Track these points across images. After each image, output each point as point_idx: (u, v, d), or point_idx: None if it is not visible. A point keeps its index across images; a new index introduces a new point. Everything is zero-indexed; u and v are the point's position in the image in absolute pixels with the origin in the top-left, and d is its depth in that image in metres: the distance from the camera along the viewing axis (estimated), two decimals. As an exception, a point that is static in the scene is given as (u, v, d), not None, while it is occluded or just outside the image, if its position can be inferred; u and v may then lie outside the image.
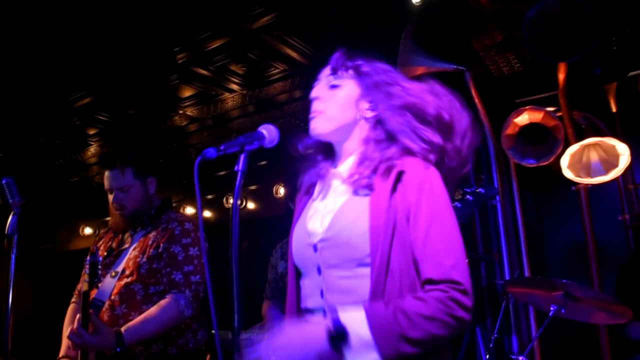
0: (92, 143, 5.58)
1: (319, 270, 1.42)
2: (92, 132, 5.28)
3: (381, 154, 1.41)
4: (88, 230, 7.00)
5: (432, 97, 1.45)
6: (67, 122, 4.98)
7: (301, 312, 1.48)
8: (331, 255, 1.39)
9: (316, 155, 1.59)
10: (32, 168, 6.20)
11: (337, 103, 1.48)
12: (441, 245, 1.29)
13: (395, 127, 1.41)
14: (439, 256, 1.28)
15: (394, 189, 1.36)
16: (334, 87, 1.50)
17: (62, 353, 2.28)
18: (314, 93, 1.51)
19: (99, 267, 2.00)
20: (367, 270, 1.33)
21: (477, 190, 2.51)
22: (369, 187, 1.39)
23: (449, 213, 1.35)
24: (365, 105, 1.47)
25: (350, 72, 1.49)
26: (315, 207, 1.53)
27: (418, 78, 2.96)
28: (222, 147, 1.31)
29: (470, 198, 2.50)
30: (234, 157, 1.37)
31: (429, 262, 1.28)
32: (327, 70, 1.53)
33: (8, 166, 6.07)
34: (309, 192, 1.60)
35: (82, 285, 2.08)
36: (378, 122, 1.45)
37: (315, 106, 1.49)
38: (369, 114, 1.46)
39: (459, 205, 2.51)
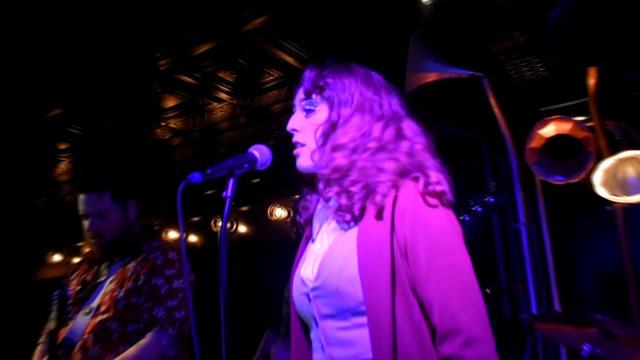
0: (63, 159, 5.58)
1: (316, 322, 1.42)
2: (62, 146, 5.28)
3: (365, 180, 1.37)
4: (57, 258, 6.99)
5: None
6: (35, 135, 4.98)
7: None
8: (324, 305, 1.37)
9: (313, 188, 1.57)
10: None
11: (314, 132, 1.47)
12: (448, 285, 1.24)
13: (369, 163, 1.39)
14: (443, 300, 1.23)
15: (384, 220, 1.32)
16: (309, 112, 1.50)
17: None
18: (290, 124, 1.52)
19: (69, 302, 1.99)
20: (365, 320, 1.29)
21: (486, 200, 2.50)
22: (355, 221, 1.38)
23: (451, 241, 1.29)
24: (331, 136, 1.45)
25: (322, 93, 1.48)
26: (311, 250, 1.52)
27: (429, 85, 2.98)
28: (208, 171, 1.31)
29: (479, 209, 2.49)
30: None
31: (434, 307, 1.24)
32: (300, 94, 1.53)
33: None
34: (308, 232, 1.61)
35: (50, 323, 2.07)
36: (355, 148, 1.42)
37: (296, 138, 1.51)
38: (342, 140, 1.42)
39: (467, 218, 2.50)
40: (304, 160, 1.49)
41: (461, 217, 2.55)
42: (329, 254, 1.40)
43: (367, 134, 1.42)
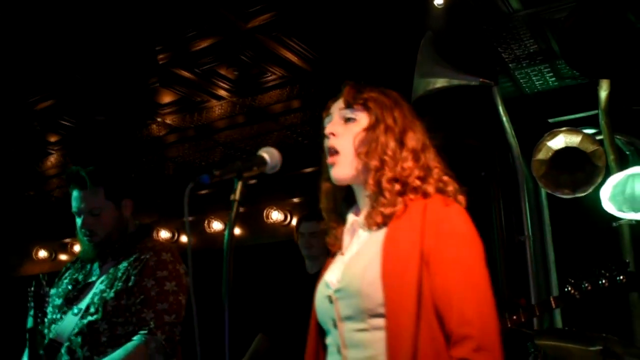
0: (53, 152, 5.59)
1: (335, 324, 1.51)
2: (53, 139, 5.29)
3: (392, 191, 1.52)
4: (43, 254, 6.98)
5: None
6: (25, 126, 4.98)
7: None
8: (345, 307, 1.47)
9: (337, 203, 1.71)
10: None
11: (353, 139, 1.59)
12: (464, 292, 1.38)
13: (407, 171, 1.54)
14: (460, 307, 1.36)
15: (414, 227, 1.45)
16: (348, 120, 1.62)
17: None
18: (329, 128, 1.62)
19: (46, 299, 1.96)
20: (382, 322, 1.40)
21: (614, 277, 2.42)
22: (384, 224, 1.50)
23: (474, 254, 1.44)
24: (372, 144, 1.58)
25: (363, 105, 1.61)
26: (339, 259, 1.62)
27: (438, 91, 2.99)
28: (216, 173, 1.34)
29: (604, 284, 2.43)
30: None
31: (453, 313, 1.36)
32: (340, 104, 1.64)
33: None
34: (333, 248, 1.70)
35: (28, 321, 2.06)
36: (385, 164, 1.55)
37: (332, 142, 1.60)
38: (375, 159, 1.56)
39: (586, 287, 2.46)
40: (342, 169, 1.59)
41: (567, 289, 2.49)
42: (353, 259, 1.53)
43: (402, 148, 1.57)
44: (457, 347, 1.33)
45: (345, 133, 1.60)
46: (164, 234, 6.01)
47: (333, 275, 1.57)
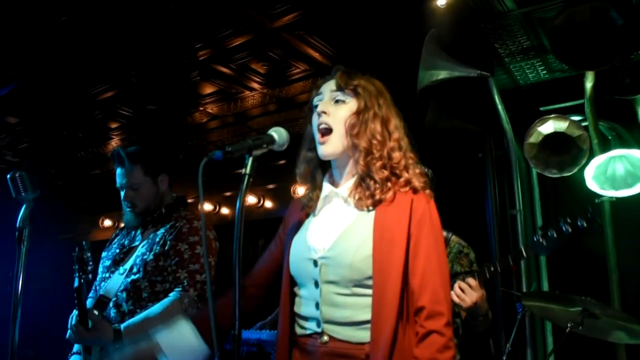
0: (114, 137, 5.64)
1: (316, 284, 1.51)
2: (113, 125, 5.33)
3: (382, 177, 1.52)
4: (107, 223, 7.08)
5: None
6: (90, 115, 5.03)
7: (294, 316, 1.58)
8: (331, 273, 1.48)
9: (315, 171, 1.68)
10: (54, 159, 6.29)
11: (344, 119, 1.56)
12: (438, 277, 1.45)
13: (394, 160, 1.55)
14: (434, 288, 1.43)
15: (402, 215, 1.48)
16: (339, 102, 1.58)
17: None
18: (321, 107, 1.58)
19: (89, 262, 1.93)
20: (364, 290, 1.45)
21: (577, 223, 2.31)
22: (372, 210, 1.51)
23: (442, 244, 1.53)
24: (362, 127, 1.56)
25: (353, 91, 1.58)
26: (316, 223, 1.61)
27: (440, 82, 2.91)
28: (228, 150, 1.29)
29: (568, 230, 2.34)
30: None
31: (427, 291, 1.42)
32: (331, 85, 1.60)
33: (32, 156, 6.17)
34: (307, 207, 1.67)
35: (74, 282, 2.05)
36: (373, 147, 1.55)
37: (323, 119, 1.56)
38: (364, 141, 1.55)
39: (553, 235, 2.39)
40: (332, 146, 1.56)
41: (536, 238, 2.38)
42: (346, 234, 1.51)
43: (388, 135, 1.57)
44: (431, 320, 1.40)
45: (336, 113, 1.57)
46: (207, 207, 6.02)
47: (317, 241, 1.54)
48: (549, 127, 3.37)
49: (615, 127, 3.65)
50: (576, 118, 3.43)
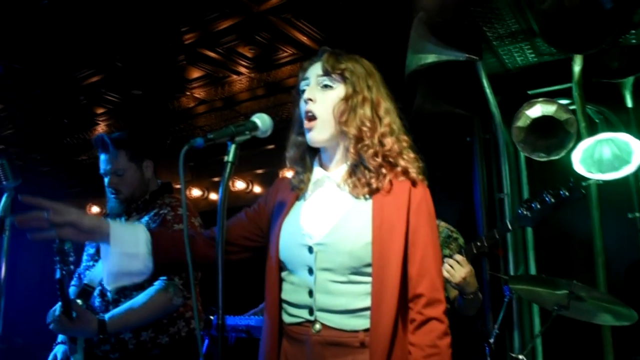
0: (100, 122, 5.56)
1: (311, 271, 1.46)
2: (99, 111, 5.25)
3: (376, 166, 1.49)
4: (95, 209, 7.02)
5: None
6: (75, 100, 4.95)
7: (282, 303, 1.54)
8: (327, 260, 1.45)
9: (305, 154, 1.64)
10: (40, 145, 6.20)
11: (331, 105, 1.52)
12: (435, 265, 1.45)
13: (386, 146, 1.51)
14: (432, 276, 1.43)
15: (400, 204, 1.46)
16: (326, 87, 1.53)
17: None
18: (307, 94, 1.53)
19: (70, 253, 1.89)
20: (360, 278, 1.43)
21: (560, 192, 2.34)
22: (369, 198, 1.48)
23: (438, 235, 1.54)
24: (350, 114, 1.52)
25: (340, 75, 1.53)
26: (309, 208, 1.56)
27: (429, 66, 2.87)
28: (210, 136, 1.26)
29: (551, 201, 2.36)
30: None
31: (425, 279, 1.43)
32: (318, 70, 1.55)
33: (16, 143, 6.08)
34: (297, 189, 1.62)
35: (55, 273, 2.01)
36: (363, 134, 1.51)
37: (310, 107, 1.52)
38: (354, 128, 1.51)
39: (537, 206, 2.39)
40: (319, 134, 1.52)
41: (521, 210, 2.41)
42: (344, 221, 1.47)
43: (379, 120, 1.53)
44: (431, 308, 1.41)
45: (323, 99, 1.52)
46: (196, 192, 5.99)
47: (312, 227, 1.50)
48: (537, 110, 3.36)
49: (603, 110, 3.65)
50: (564, 102, 3.43)
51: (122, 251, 1.37)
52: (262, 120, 1.38)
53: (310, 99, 1.52)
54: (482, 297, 2.68)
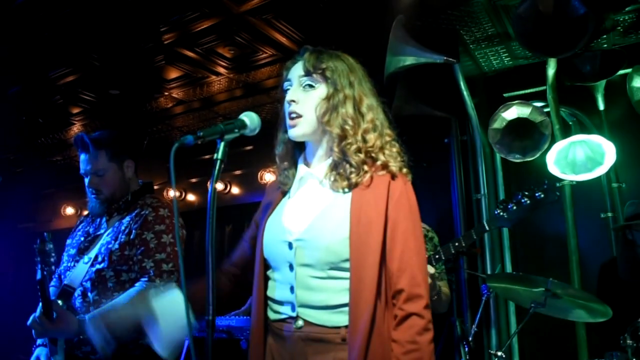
0: (75, 122, 5.46)
1: (291, 267, 1.47)
2: (75, 110, 5.16)
3: (358, 161, 1.49)
4: (70, 210, 6.90)
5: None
6: (50, 100, 4.86)
7: (267, 300, 1.54)
8: (306, 256, 1.44)
9: (291, 151, 1.65)
10: (13, 145, 6.07)
11: (313, 106, 1.53)
12: (416, 259, 1.42)
13: (369, 143, 1.51)
14: (413, 270, 1.41)
15: (379, 197, 1.45)
16: (308, 87, 1.54)
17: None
18: (290, 96, 1.54)
19: (51, 254, 1.86)
20: (340, 273, 1.42)
21: (535, 195, 2.37)
22: (348, 192, 1.48)
23: (420, 226, 1.51)
24: (333, 114, 1.52)
25: (321, 75, 1.54)
26: (291, 205, 1.57)
27: (407, 68, 2.90)
28: (200, 134, 1.26)
29: (526, 202, 2.39)
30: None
31: (405, 274, 1.40)
32: (299, 70, 1.56)
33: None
34: (283, 185, 1.64)
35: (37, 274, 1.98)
36: (346, 132, 1.51)
37: (293, 108, 1.53)
38: (337, 127, 1.51)
39: (513, 207, 2.42)
40: (302, 129, 1.53)
41: (497, 211, 2.44)
42: (322, 216, 1.47)
43: (361, 117, 1.53)
44: (411, 303, 1.39)
45: (305, 100, 1.54)
46: (172, 193, 5.92)
47: (292, 223, 1.51)
48: (512, 113, 3.42)
49: (576, 113, 3.73)
50: (538, 104, 3.50)
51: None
52: (250, 119, 1.39)
53: (293, 101, 1.53)
54: (449, 293, 2.73)
